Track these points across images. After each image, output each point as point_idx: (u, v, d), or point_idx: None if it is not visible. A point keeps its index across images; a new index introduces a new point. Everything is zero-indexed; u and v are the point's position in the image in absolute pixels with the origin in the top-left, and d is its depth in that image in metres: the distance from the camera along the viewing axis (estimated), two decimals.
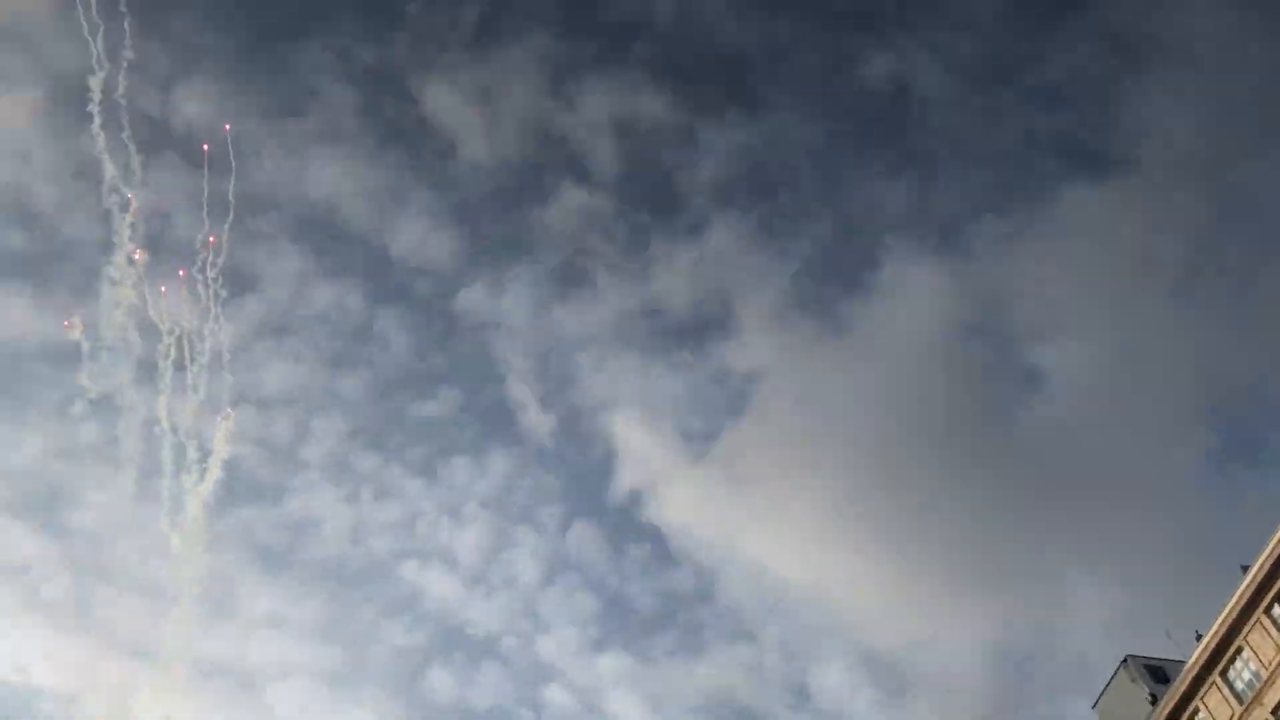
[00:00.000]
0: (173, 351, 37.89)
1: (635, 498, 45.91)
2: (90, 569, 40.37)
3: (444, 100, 44.78)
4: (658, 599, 45.66)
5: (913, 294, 49.71)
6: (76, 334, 37.56)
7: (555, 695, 43.25)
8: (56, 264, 41.56)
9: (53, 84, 41.58)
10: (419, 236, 44.45)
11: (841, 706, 45.84)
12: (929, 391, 49.73)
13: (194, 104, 40.75)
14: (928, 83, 49.68)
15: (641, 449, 46.62)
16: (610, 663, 44.06)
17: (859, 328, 49.53)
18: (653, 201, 48.71)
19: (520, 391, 45.63)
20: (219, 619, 40.70)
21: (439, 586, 43.29)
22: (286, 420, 42.00)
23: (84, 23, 37.22)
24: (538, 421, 45.71)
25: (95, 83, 36.87)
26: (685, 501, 46.53)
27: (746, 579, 46.36)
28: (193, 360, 38.12)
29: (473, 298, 45.31)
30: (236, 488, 41.13)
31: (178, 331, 38.16)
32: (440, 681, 42.24)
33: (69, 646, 39.69)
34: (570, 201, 46.65)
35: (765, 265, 48.76)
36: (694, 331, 48.07)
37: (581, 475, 45.53)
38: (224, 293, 38.41)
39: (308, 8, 42.81)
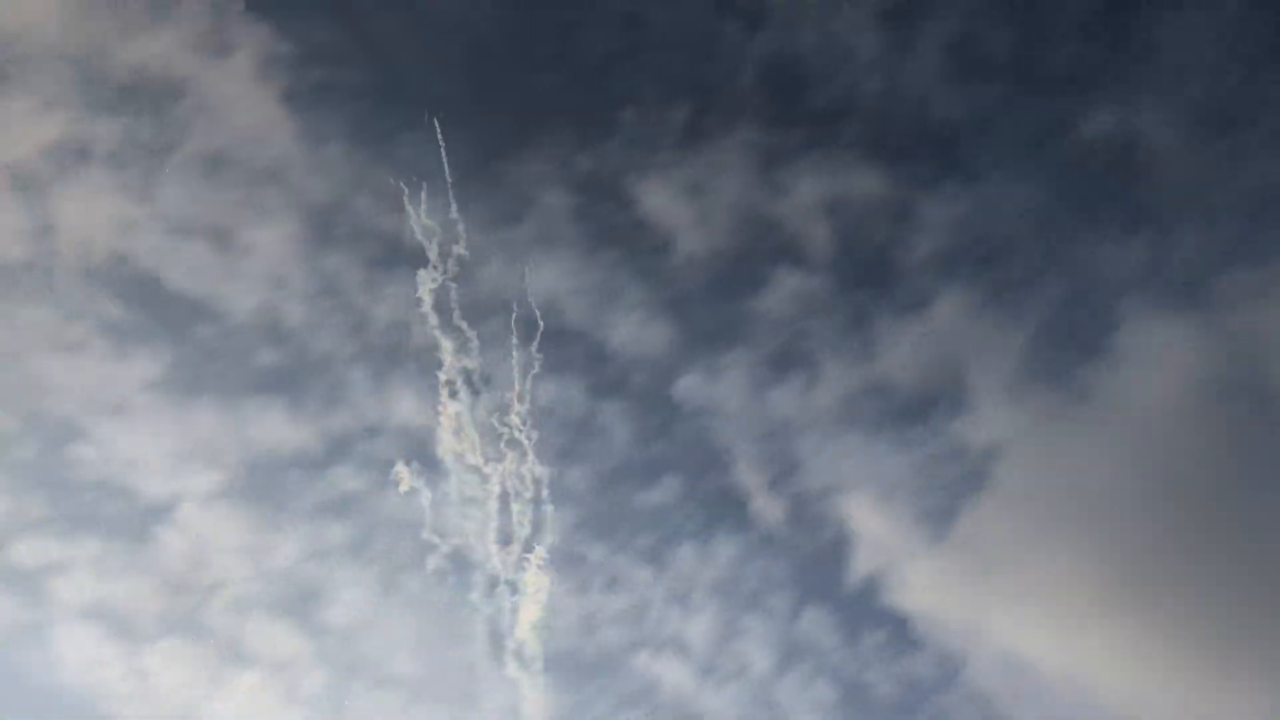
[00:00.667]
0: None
1: (871, 582, 45.57)
2: (343, 664, 42.47)
3: (657, 199, 46.07)
4: (899, 686, 45.16)
5: (1156, 355, 48.21)
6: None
7: None
8: (307, 377, 44.20)
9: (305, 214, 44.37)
10: (634, 330, 45.67)
11: None
12: (1182, 456, 48.05)
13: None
14: (1154, 134, 48.85)
15: (876, 531, 46.27)
16: None
17: (1100, 393, 48.20)
18: (871, 280, 48.60)
19: (745, 476, 46.08)
20: (467, 712, 42.22)
21: (672, 675, 43.88)
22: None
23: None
24: (764, 506, 46.00)
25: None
26: (925, 584, 45.86)
27: (994, 663, 45.28)
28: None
29: (690, 385, 46.13)
30: (468, 580, 42.82)
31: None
32: None
33: None
34: (786, 285, 47.04)
35: (994, 335, 48.01)
36: (923, 408, 47.59)
37: (812, 560, 45.62)
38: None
39: (528, 122, 44.90)
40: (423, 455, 42.73)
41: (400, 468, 40.61)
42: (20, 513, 40.99)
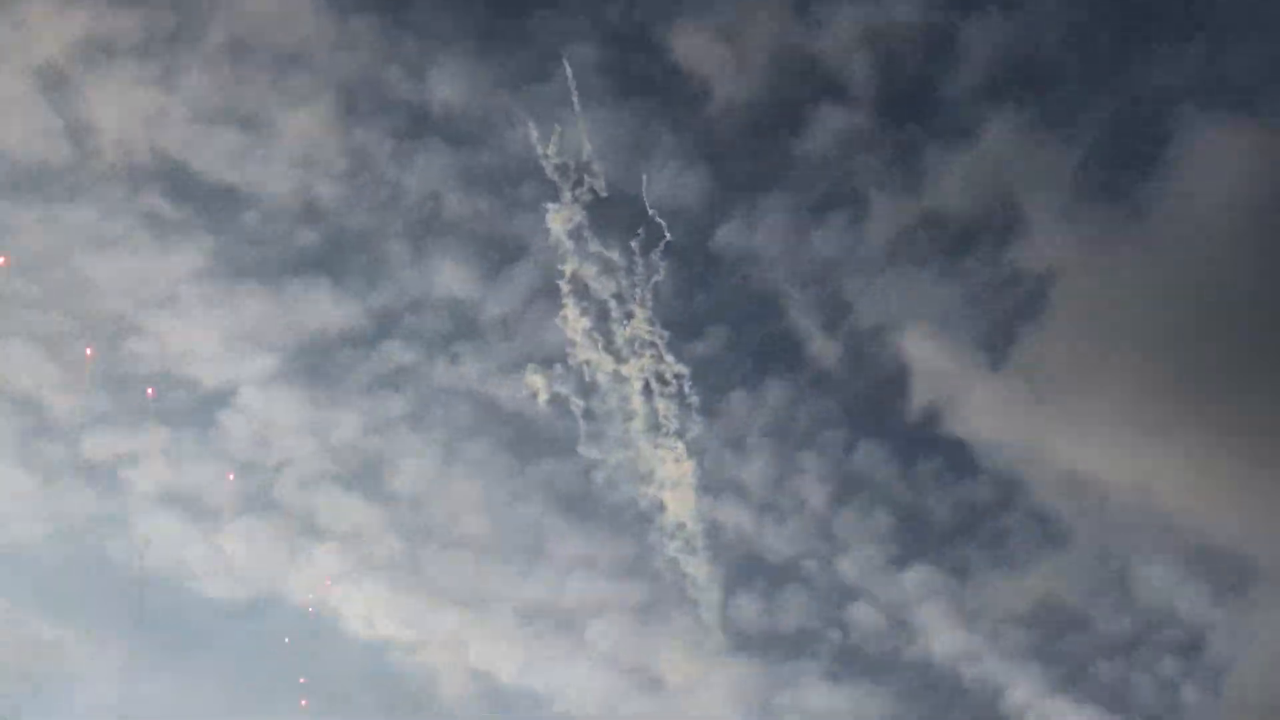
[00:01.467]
0: None
1: (929, 412, 45.19)
2: (414, 529, 43.58)
3: (690, 44, 44.52)
4: (957, 511, 45.20)
5: (1213, 166, 46.22)
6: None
7: (861, 613, 43.70)
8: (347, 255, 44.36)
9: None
10: (668, 181, 44.77)
11: (1170, 603, 44.36)
12: (1241, 269, 46.49)
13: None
14: None
15: (933, 362, 45.58)
16: (916, 577, 44.05)
17: (1156, 210, 46.43)
18: (916, 111, 46.87)
19: (795, 321, 45.55)
20: (535, 565, 43.23)
21: (732, 518, 44.41)
22: (571, 376, 43.87)
23: None
24: (818, 349, 45.54)
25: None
26: (984, 410, 45.34)
27: (1055, 483, 44.98)
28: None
29: (730, 233, 45.40)
30: (538, 442, 43.50)
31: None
32: (745, 607, 43.71)
33: (405, 601, 43.02)
34: (830, 124, 45.55)
35: (1046, 158, 46.14)
36: (976, 237, 46.36)
37: (868, 396, 45.31)
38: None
39: None
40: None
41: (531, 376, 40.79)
42: (87, 408, 42.09)
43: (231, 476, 42.32)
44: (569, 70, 40.76)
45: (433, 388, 43.06)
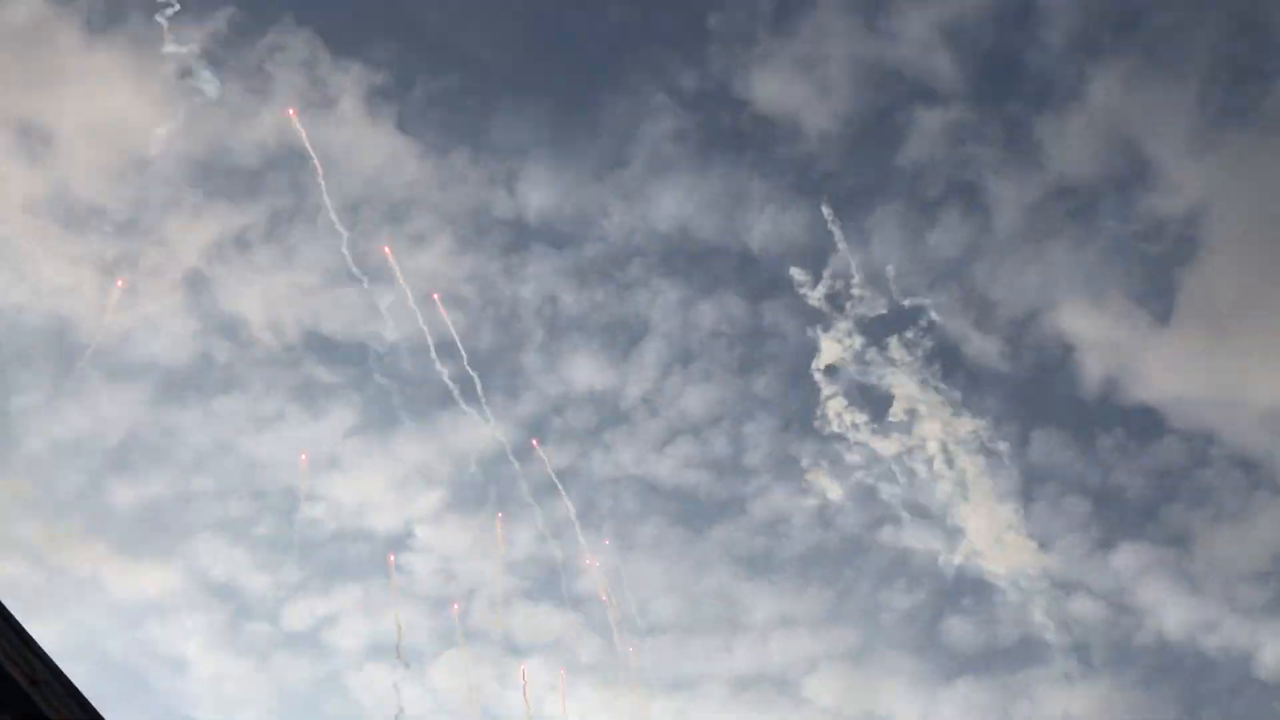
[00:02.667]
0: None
1: (1110, 385, 43.77)
2: (608, 626, 43.74)
3: (769, 89, 45.26)
4: (1150, 479, 43.32)
5: None
6: None
7: (1082, 607, 41.92)
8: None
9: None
10: (772, 224, 45.27)
11: None
12: None
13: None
14: None
15: (1096, 334, 44.25)
16: (1125, 559, 42.21)
17: None
18: (1014, 87, 46.47)
19: (940, 331, 44.83)
20: (736, 634, 42.78)
21: (920, 541, 43.45)
22: (721, 437, 44.19)
23: None
24: (979, 350, 44.69)
25: None
26: (1162, 370, 43.68)
27: (1251, 427, 42.87)
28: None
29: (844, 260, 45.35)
30: (701, 509, 43.53)
31: None
32: (958, 629, 42.44)
33: (617, 698, 42.96)
34: (928, 125, 45.46)
35: (1161, 96, 45.11)
36: (1109, 195, 45.33)
37: (1038, 385, 44.10)
38: None
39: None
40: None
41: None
42: (281, 582, 43.89)
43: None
44: (827, 213, 41.99)
45: (594, 481, 43.79)
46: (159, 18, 37.50)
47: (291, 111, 39.80)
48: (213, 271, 43.10)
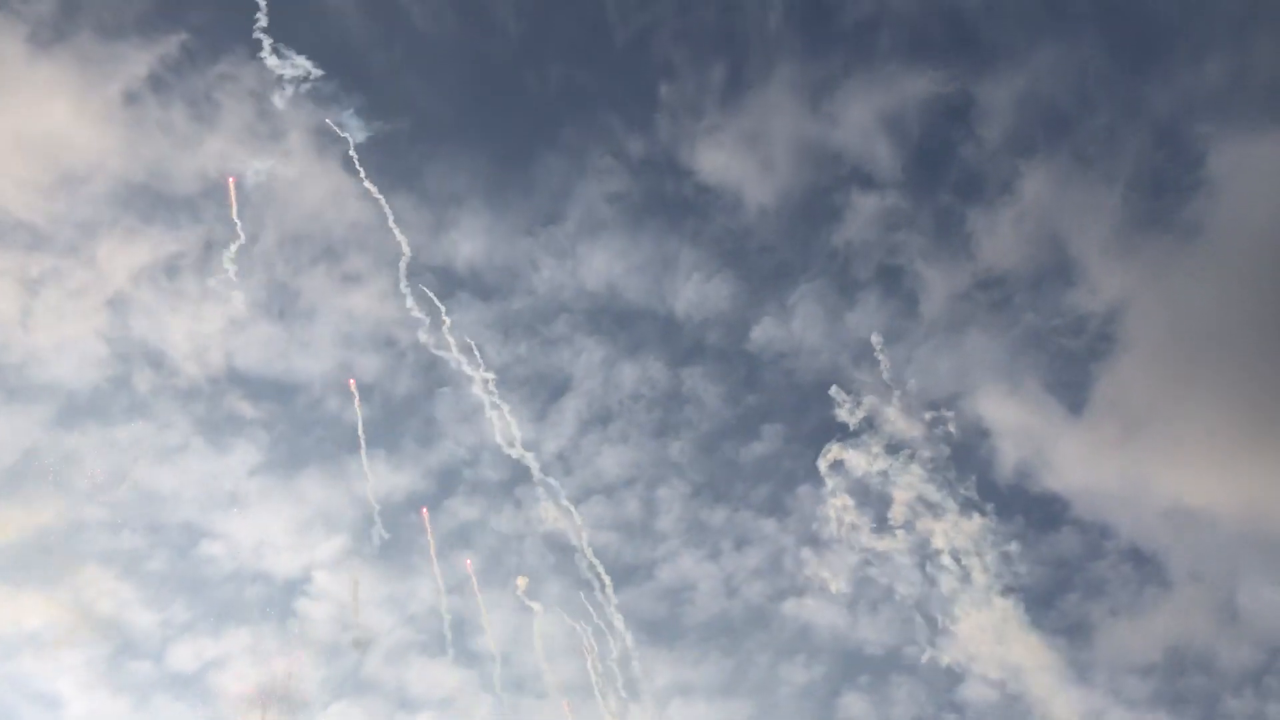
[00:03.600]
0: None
1: (1023, 470, 44.76)
2: (505, 685, 43.00)
3: (713, 161, 46.07)
4: (1052, 568, 44.25)
5: (1253, 175, 46.72)
6: None
7: (973, 691, 42.49)
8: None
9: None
10: (699, 292, 45.85)
11: None
12: None
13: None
14: None
15: (1012, 422, 45.39)
16: (1033, 645, 42.94)
17: (1207, 228, 46.76)
18: (953, 179, 47.87)
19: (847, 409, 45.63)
20: (634, 701, 42.47)
21: (822, 616, 43.76)
22: (633, 499, 44.14)
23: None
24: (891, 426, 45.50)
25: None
26: (1074, 460, 44.87)
27: (1156, 520, 44.11)
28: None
29: (765, 332, 46.03)
30: (610, 576, 43.37)
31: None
32: (854, 706, 42.64)
33: None
34: (862, 210, 46.62)
35: (1087, 198, 47.02)
36: (1033, 289, 46.78)
37: (956, 467, 44.87)
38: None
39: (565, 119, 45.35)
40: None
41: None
42: (169, 620, 42.39)
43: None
44: (878, 343, 42.59)
45: (502, 536, 43.31)
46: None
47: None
48: (138, 296, 42.20)
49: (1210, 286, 45.91)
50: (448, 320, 42.47)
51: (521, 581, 42.57)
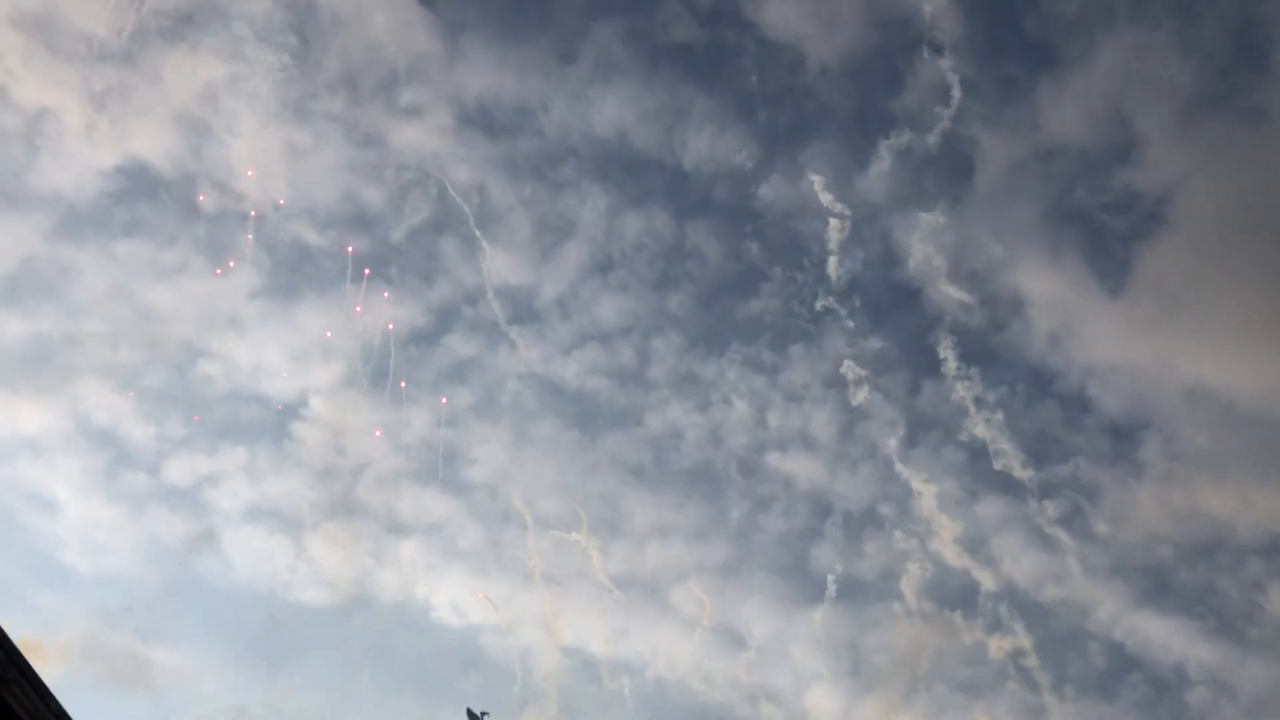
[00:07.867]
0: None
1: (1053, 342, 45.03)
2: (492, 517, 44.43)
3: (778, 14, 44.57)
4: (1064, 445, 45.04)
5: None
6: None
7: (941, 547, 44.12)
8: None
9: None
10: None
11: None
12: None
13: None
14: None
15: (1048, 294, 45.19)
16: (987, 510, 44.36)
17: (1271, 117, 45.88)
18: (1021, 44, 46.33)
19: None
20: (614, 538, 44.05)
21: (804, 470, 45.09)
22: (628, 348, 44.91)
23: None
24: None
25: None
26: (1106, 336, 44.99)
27: (1180, 400, 44.41)
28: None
29: (774, 189, 45.86)
30: (600, 419, 44.39)
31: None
32: (824, 558, 44.38)
33: (492, 587, 43.92)
34: (922, 77, 45.28)
35: (1160, 73, 45.58)
36: (1089, 164, 45.94)
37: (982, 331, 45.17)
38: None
39: None
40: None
41: None
42: (165, 435, 43.28)
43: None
44: (943, 350, 42.25)
45: (497, 375, 44.15)
46: None
47: None
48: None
49: (1265, 174, 45.35)
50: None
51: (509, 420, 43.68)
